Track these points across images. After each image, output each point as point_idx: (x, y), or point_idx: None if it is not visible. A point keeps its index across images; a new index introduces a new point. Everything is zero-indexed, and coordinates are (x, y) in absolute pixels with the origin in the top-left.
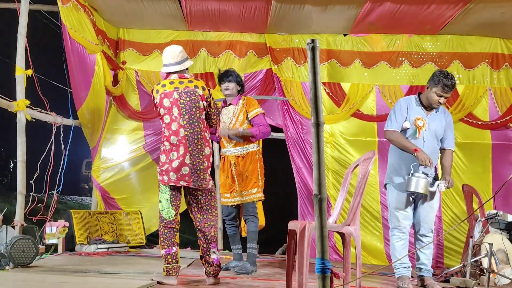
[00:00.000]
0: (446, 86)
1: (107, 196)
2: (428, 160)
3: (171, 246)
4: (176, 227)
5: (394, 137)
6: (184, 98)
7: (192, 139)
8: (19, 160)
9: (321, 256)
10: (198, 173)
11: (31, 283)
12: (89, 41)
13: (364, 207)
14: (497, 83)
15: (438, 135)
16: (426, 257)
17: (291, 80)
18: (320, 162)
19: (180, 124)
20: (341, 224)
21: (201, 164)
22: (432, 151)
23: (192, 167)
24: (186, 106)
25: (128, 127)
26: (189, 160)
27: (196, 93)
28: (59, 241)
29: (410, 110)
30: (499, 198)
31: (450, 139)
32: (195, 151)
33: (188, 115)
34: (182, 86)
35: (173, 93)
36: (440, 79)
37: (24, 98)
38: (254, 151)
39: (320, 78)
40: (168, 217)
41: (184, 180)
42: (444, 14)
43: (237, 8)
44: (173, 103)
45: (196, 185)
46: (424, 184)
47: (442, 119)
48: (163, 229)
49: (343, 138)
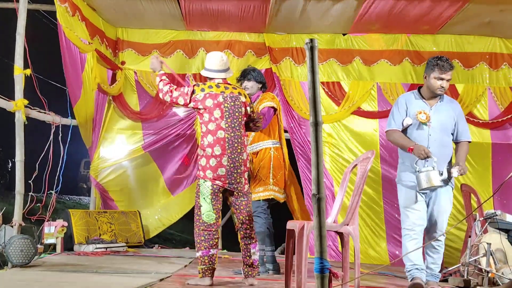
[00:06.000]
0: (443, 66)
1: (105, 195)
2: (423, 150)
3: (208, 248)
4: (216, 230)
5: (392, 138)
6: (229, 103)
7: (232, 142)
8: (18, 159)
9: (320, 255)
10: (234, 176)
11: (29, 282)
12: (82, 40)
13: (367, 204)
14: (496, 82)
15: (447, 127)
16: (433, 261)
17: (290, 79)
18: (318, 162)
19: (220, 126)
20: (339, 224)
21: (239, 167)
22: (440, 144)
23: (229, 170)
24: (230, 110)
25: (126, 127)
26: (227, 162)
27: (240, 99)
28: (58, 240)
29: (410, 106)
30: (498, 197)
31: (464, 131)
32: (234, 154)
33: (230, 119)
34: (228, 91)
35: (219, 96)
36: (434, 62)
37: (23, 98)
38: (269, 148)
39: (319, 78)
40: (209, 221)
41: (220, 180)
42: (443, 14)
43: (235, 7)
44: (217, 105)
45: (231, 187)
46: (434, 175)
47: (449, 109)
48: (202, 231)
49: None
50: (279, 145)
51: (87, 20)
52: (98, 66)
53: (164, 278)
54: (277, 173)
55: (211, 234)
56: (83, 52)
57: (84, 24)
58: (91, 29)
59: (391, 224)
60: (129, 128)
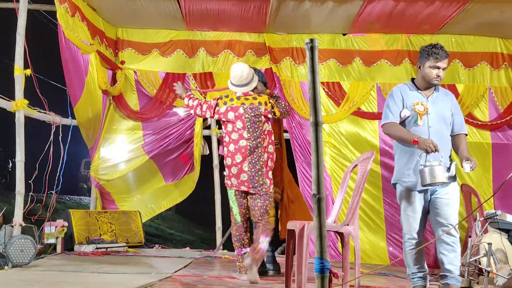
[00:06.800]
0: (438, 54)
1: (106, 195)
2: (431, 143)
3: (241, 248)
4: (244, 230)
5: (391, 130)
6: (249, 113)
7: (253, 149)
8: (18, 159)
9: (320, 255)
10: (257, 179)
11: (29, 282)
12: (83, 41)
13: (367, 205)
14: (497, 82)
15: (446, 118)
16: (450, 261)
17: (290, 79)
18: (319, 162)
19: (242, 136)
20: (340, 224)
21: (260, 170)
22: (440, 136)
23: (251, 174)
24: (251, 121)
25: (126, 126)
26: (247, 168)
27: (260, 110)
28: (58, 240)
29: (406, 97)
30: (498, 198)
31: (460, 123)
32: (254, 159)
33: (252, 129)
34: (248, 102)
35: (239, 108)
36: (428, 50)
37: (23, 98)
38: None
39: (319, 78)
40: (238, 222)
41: (244, 185)
42: (443, 14)
43: (236, 7)
44: (238, 117)
45: (255, 190)
46: (440, 171)
47: (446, 100)
48: (235, 231)
49: (342, 138)
50: (279, 145)
51: (87, 20)
52: (101, 68)
53: (164, 278)
54: (276, 175)
55: (241, 234)
56: (85, 53)
57: (85, 24)
58: (92, 29)
59: (391, 224)
60: (129, 128)
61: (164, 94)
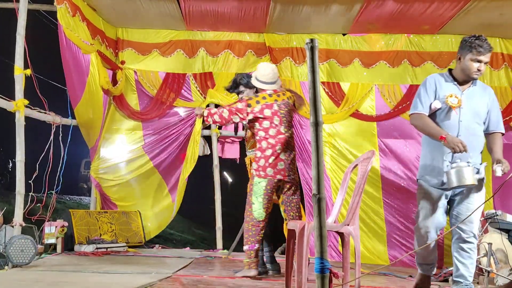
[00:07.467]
0: (481, 47)
1: (106, 195)
2: (460, 143)
3: (254, 243)
4: (262, 226)
5: (419, 122)
6: (283, 109)
7: (288, 139)
8: (18, 160)
9: (320, 255)
10: (291, 167)
11: (29, 282)
12: (84, 41)
13: (367, 205)
14: (497, 82)
15: (480, 114)
16: (466, 268)
17: (290, 79)
18: (319, 161)
19: (280, 131)
20: (340, 224)
21: (293, 159)
22: (471, 132)
23: (286, 162)
24: (286, 116)
25: (127, 126)
26: (284, 156)
27: (289, 104)
28: (58, 240)
29: (439, 88)
30: (498, 197)
31: (498, 121)
32: (288, 149)
33: (287, 123)
34: (280, 99)
35: (273, 105)
36: (471, 42)
37: (23, 98)
38: None
39: (319, 78)
40: (259, 217)
41: (280, 174)
42: (443, 14)
43: (236, 8)
44: (274, 113)
45: (290, 179)
46: (468, 172)
47: (483, 95)
48: (250, 227)
49: (343, 138)
50: None
51: (88, 20)
52: (102, 68)
53: (164, 278)
54: None
55: (258, 230)
56: (85, 53)
57: (85, 24)
58: (92, 29)
59: (391, 225)
60: (129, 128)
61: (164, 94)
